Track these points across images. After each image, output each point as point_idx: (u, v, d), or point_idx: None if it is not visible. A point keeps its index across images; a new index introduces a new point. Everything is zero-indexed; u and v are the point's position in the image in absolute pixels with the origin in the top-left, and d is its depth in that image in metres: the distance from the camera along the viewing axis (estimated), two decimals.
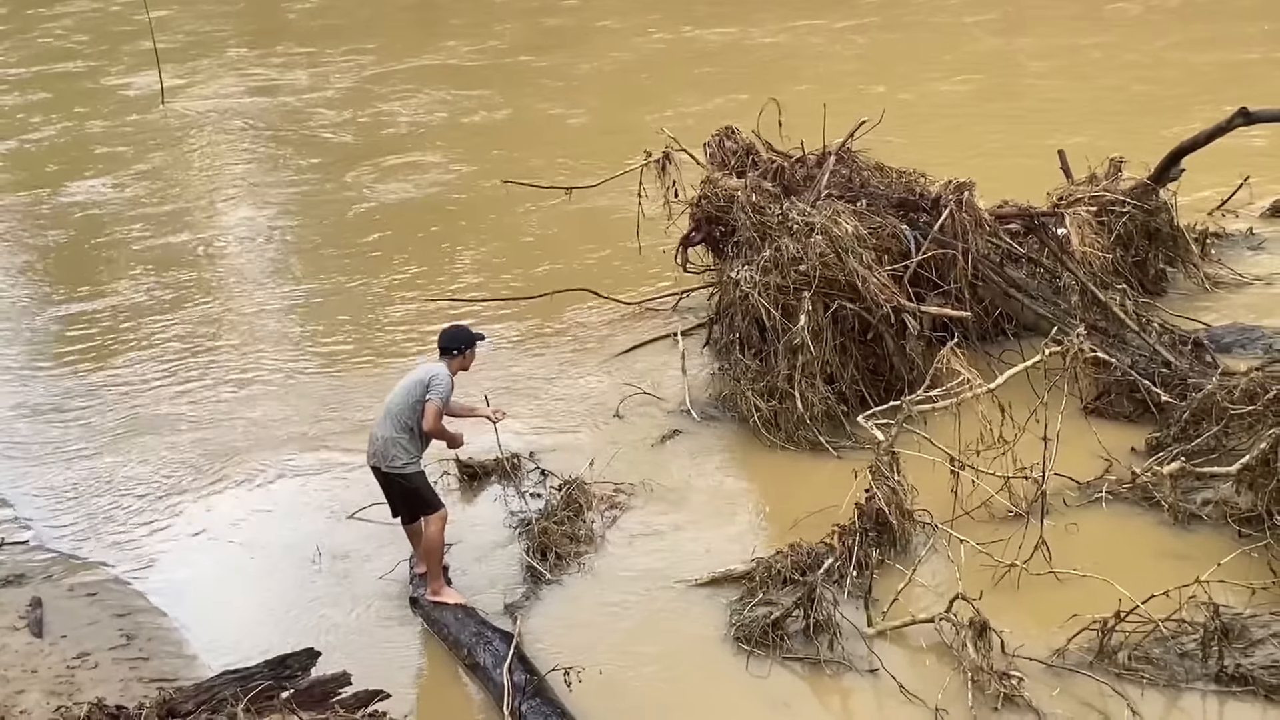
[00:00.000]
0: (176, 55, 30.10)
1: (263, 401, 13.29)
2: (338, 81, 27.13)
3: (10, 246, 19.14)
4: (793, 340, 11.25)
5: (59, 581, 10.37)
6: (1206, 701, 7.83)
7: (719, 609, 9.12)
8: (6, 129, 25.84)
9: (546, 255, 16.53)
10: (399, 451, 9.31)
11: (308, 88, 26.97)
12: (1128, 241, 12.95)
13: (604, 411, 12.27)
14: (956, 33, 25.91)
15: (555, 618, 9.31)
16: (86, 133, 24.92)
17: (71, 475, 12.12)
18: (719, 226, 12.88)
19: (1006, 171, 15.18)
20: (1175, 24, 25.18)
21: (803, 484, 10.59)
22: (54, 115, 26.40)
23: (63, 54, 32.26)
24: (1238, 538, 9.10)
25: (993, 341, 12.07)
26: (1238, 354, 11.77)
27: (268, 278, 17.13)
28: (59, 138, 24.90)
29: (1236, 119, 12.85)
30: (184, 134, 24.40)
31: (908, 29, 26.84)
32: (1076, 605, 8.32)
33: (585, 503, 10.54)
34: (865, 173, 12.79)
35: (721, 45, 26.95)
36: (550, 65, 26.90)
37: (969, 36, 25.53)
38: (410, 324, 14.79)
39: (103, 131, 24.83)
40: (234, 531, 10.98)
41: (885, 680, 8.17)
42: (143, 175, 21.96)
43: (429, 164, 21.08)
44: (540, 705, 8.07)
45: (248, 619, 9.64)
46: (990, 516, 9.69)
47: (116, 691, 8.39)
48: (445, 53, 29.01)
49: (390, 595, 9.79)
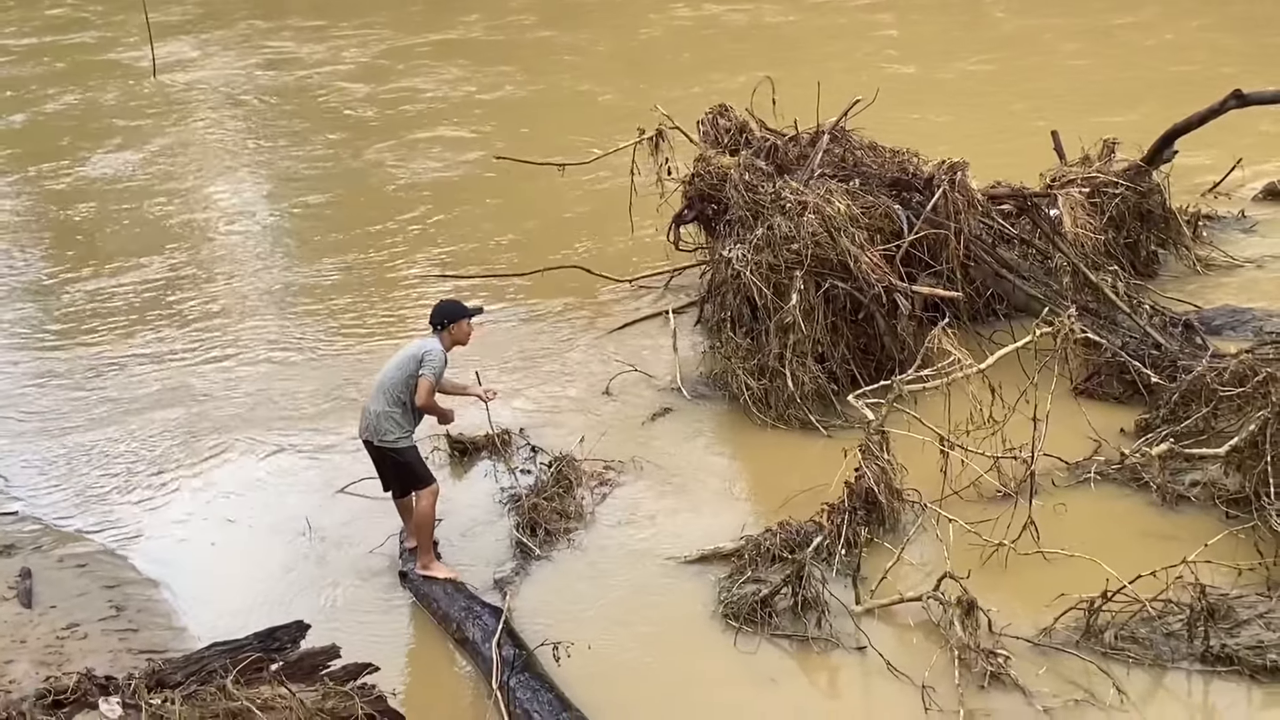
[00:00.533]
0: (189, 27, 29.92)
1: (256, 378, 13.28)
2: (355, 56, 26.98)
3: (14, 221, 19.11)
4: (784, 319, 11.26)
5: (49, 552, 10.36)
6: (1191, 681, 7.86)
7: (708, 586, 9.14)
8: (16, 103, 25.71)
9: (540, 232, 16.52)
10: (391, 426, 9.32)
11: (322, 61, 26.82)
12: (1120, 223, 12.98)
13: (595, 389, 12.27)
14: (979, 12, 25.72)
15: (544, 593, 9.33)
16: (92, 106, 24.82)
17: (63, 447, 12.11)
18: (712, 204, 12.88)
19: (1028, 149, 15.00)
20: (1209, 6, 25.03)
21: (792, 462, 10.61)
22: (58, 88, 26.29)
23: (75, 24, 32.01)
24: (1225, 519, 9.13)
25: (984, 322, 12.10)
26: (1228, 336, 11.79)
27: (270, 255, 17.13)
28: (67, 110, 24.78)
29: (1230, 101, 12.87)
30: (195, 108, 24.35)
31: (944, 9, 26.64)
32: (1064, 585, 8.35)
33: (575, 479, 10.56)
34: (859, 152, 12.76)
35: (748, 22, 26.72)
36: (573, 41, 26.70)
37: (990, 19, 25.37)
38: (408, 300, 14.79)
39: (113, 104, 24.75)
40: (225, 505, 10.97)
41: (873, 658, 8.20)
42: (158, 150, 21.91)
43: (450, 140, 20.98)
44: (528, 680, 8.09)
45: (237, 592, 9.64)
46: (979, 496, 9.71)
47: (106, 662, 8.40)
48: (463, 28, 28.80)
49: (380, 569, 9.81)
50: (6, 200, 20.09)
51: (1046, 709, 7.64)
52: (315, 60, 27.11)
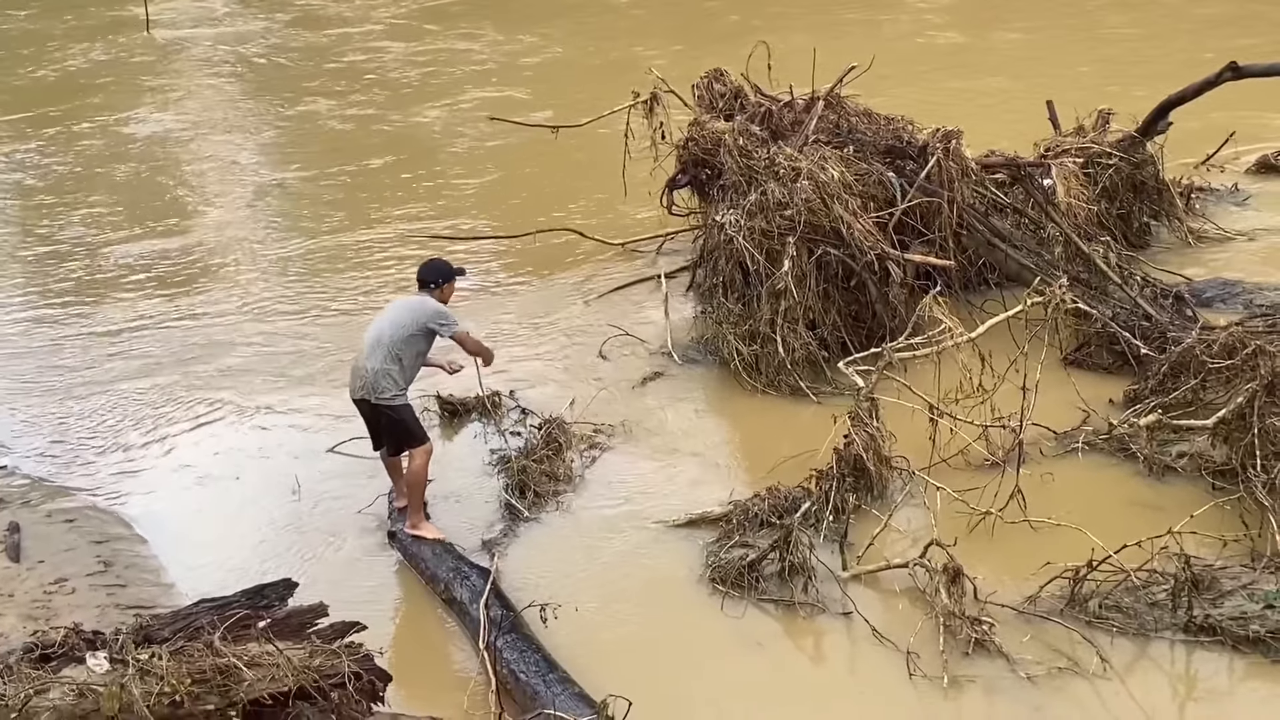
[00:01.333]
0: None
1: (248, 339, 13.26)
2: (383, 14, 26.67)
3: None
4: (776, 285, 11.25)
5: (37, 507, 10.36)
6: (1174, 650, 7.91)
7: (695, 550, 9.17)
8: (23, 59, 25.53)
9: (532, 194, 16.48)
10: (388, 383, 9.30)
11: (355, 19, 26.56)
12: (1113, 194, 12.98)
13: (585, 352, 12.27)
14: None
15: (532, 555, 9.35)
16: (99, 65, 24.67)
17: (55, 404, 12.11)
18: (705, 169, 12.85)
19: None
20: None
21: (782, 428, 10.62)
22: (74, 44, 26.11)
23: None
24: (1211, 490, 9.15)
25: (975, 291, 12.09)
26: (1218, 309, 11.81)
27: (267, 218, 17.10)
28: (74, 68, 24.61)
29: (1225, 73, 12.83)
30: (220, 66, 24.15)
31: None
32: (1049, 554, 8.38)
33: (565, 442, 10.56)
34: (854, 119, 12.73)
35: None
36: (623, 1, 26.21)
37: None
38: (395, 261, 14.76)
39: (118, 63, 24.57)
40: (215, 463, 10.97)
41: (858, 623, 8.23)
42: (169, 112, 21.80)
43: (501, 101, 20.79)
44: (515, 640, 8.12)
45: (226, 549, 9.64)
46: (967, 465, 9.74)
47: (93, 617, 8.41)
48: None
49: (369, 529, 9.83)
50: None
51: (1030, 676, 7.69)
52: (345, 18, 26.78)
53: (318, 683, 6.86)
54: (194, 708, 6.57)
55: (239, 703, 6.67)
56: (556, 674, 7.82)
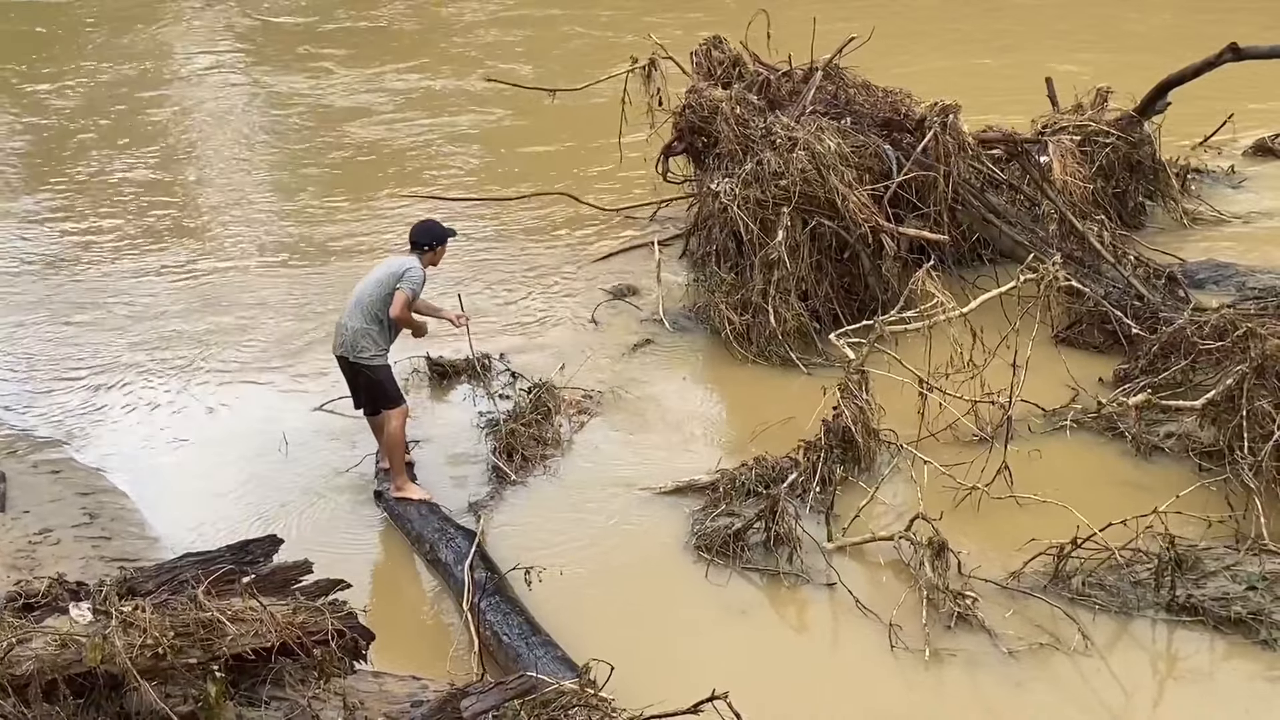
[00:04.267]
0: None
1: (235, 295, 13.24)
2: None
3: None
4: (769, 255, 11.23)
5: (24, 457, 10.34)
6: (1156, 629, 7.93)
7: (681, 518, 9.18)
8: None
9: (528, 159, 16.43)
10: (368, 343, 9.28)
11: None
12: (1109, 173, 12.98)
13: (577, 317, 12.27)
14: None
15: (518, 518, 9.35)
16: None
17: (44, 357, 12.08)
18: (701, 137, 12.80)
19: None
20: None
21: (771, 398, 10.61)
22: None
23: None
24: (1198, 471, 9.16)
25: (969, 266, 12.10)
26: (1211, 291, 11.81)
27: (256, 171, 17.08)
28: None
29: (1225, 54, 12.79)
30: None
31: None
32: (1035, 530, 8.39)
33: (554, 407, 10.55)
34: (851, 90, 12.69)
35: None
36: None
37: None
38: (391, 221, 14.71)
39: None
40: (202, 418, 10.97)
41: (842, 594, 8.24)
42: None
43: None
44: (499, 603, 8.12)
45: (212, 505, 9.63)
46: (955, 439, 9.75)
47: (78, 569, 8.39)
48: None
49: (355, 488, 9.81)
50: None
51: (1012, 651, 7.70)
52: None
53: (301, 639, 6.85)
54: (176, 660, 6.55)
55: (221, 657, 6.66)
56: (539, 637, 7.83)
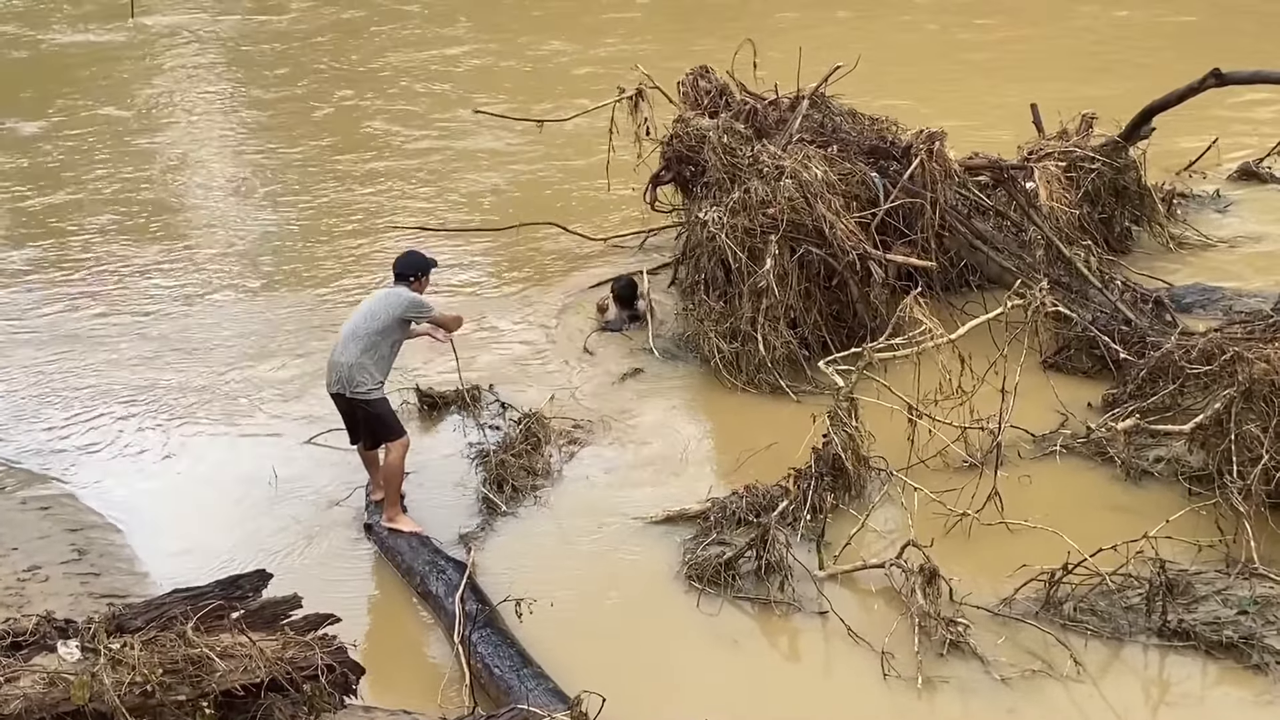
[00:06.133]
0: None
1: (225, 328, 13.23)
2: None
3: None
4: (757, 283, 11.25)
5: (12, 494, 10.30)
6: (1148, 655, 7.92)
7: (672, 547, 9.16)
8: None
9: (515, 188, 16.46)
10: (364, 377, 9.28)
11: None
12: (1095, 198, 13.01)
13: (566, 347, 12.27)
14: None
15: (509, 549, 9.33)
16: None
17: (31, 391, 12.04)
18: (689, 166, 12.82)
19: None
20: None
21: (761, 426, 10.60)
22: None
23: None
24: (1188, 496, 9.18)
25: (956, 292, 12.10)
26: (1198, 314, 11.84)
27: (243, 204, 17.06)
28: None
29: (1209, 80, 12.84)
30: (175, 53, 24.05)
31: None
32: (1026, 556, 8.39)
33: (543, 436, 10.55)
34: (838, 118, 12.74)
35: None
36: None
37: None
38: (377, 251, 14.72)
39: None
40: (191, 453, 10.94)
41: (834, 622, 8.23)
42: (137, 96, 21.68)
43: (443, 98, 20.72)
44: (490, 635, 8.11)
45: (201, 539, 9.60)
46: (945, 466, 9.75)
47: (66, 606, 8.34)
48: None
49: (345, 521, 9.79)
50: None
51: (1004, 678, 7.69)
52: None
53: (290, 674, 6.84)
54: (165, 698, 6.54)
55: (211, 693, 6.64)
56: (531, 669, 7.81)
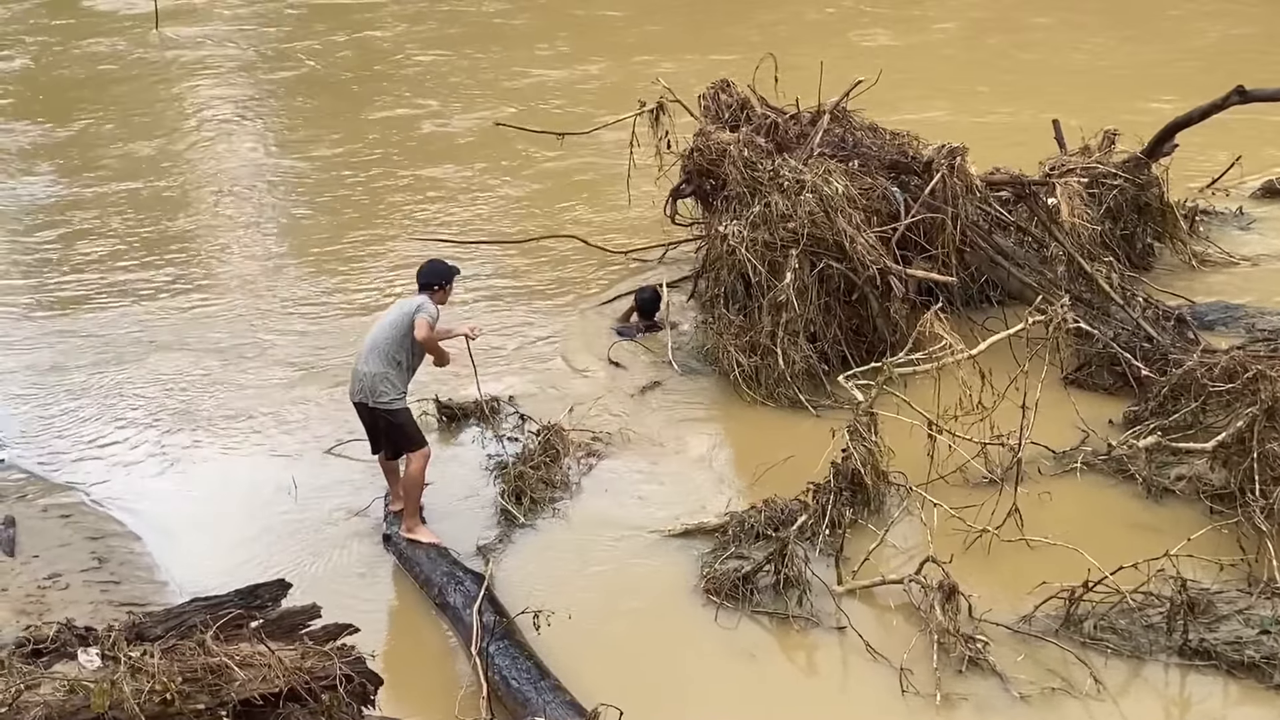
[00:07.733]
0: None
1: (247, 338, 13.23)
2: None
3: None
4: (777, 297, 11.24)
5: (33, 502, 10.35)
6: (1169, 674, 7.89)
7: (690, 560, 9.15)
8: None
9: (536, 201, 16.48)
10: (386, 387, 9.30)
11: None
12: (1117, 214, 12.98)
13: (585, 360, 12.27)
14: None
15: (527, 561, 9.34)
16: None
17: (52, 399, 12.08)
18: (709, 180, 12.82)
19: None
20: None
21: (780, 441, 10.58)
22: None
23: None
24: (1209, 514, 9.15)
25: (977, 308, 12.08)
26: (1220, 332, 11.80)
27: (265, 214, 17.06)
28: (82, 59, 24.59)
29: (1232, 97, 12.80)
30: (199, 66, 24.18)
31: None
32: (1045, 573, 8.37)
33: (562, 449, 10.55)
34: (859, 133, 12.72)
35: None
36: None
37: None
38: (398, 262, 14.72)
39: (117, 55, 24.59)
40: (211, 462, 10.97)
41: (852, 638, 8.22)
42: (155, 109, 21.79)
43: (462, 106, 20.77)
44: (508, 647, 8.11)
45: (220, 548, 9.62)
46: (965, 482, 9.73)
47: (86, 613, 8.39)
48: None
49: (364, 531, 9.81)
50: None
51: (1023, 696, 7.67)
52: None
53: (309, 684, 6.85)
54: (184, 706, 6.55)
55: (229, 702, 6.66)
56: (548, 681, 7.81)
